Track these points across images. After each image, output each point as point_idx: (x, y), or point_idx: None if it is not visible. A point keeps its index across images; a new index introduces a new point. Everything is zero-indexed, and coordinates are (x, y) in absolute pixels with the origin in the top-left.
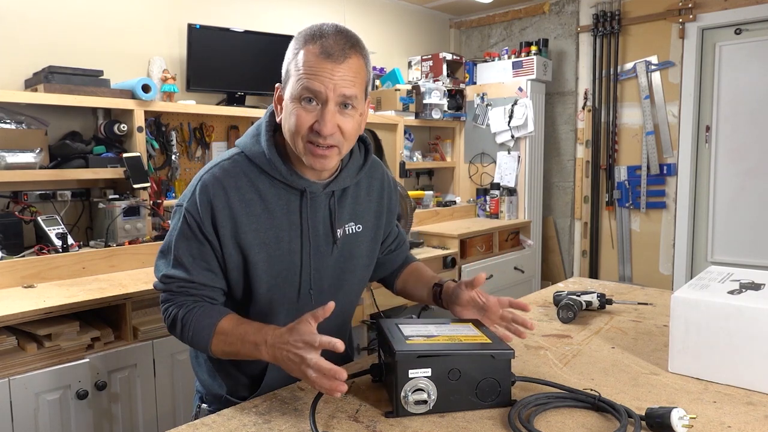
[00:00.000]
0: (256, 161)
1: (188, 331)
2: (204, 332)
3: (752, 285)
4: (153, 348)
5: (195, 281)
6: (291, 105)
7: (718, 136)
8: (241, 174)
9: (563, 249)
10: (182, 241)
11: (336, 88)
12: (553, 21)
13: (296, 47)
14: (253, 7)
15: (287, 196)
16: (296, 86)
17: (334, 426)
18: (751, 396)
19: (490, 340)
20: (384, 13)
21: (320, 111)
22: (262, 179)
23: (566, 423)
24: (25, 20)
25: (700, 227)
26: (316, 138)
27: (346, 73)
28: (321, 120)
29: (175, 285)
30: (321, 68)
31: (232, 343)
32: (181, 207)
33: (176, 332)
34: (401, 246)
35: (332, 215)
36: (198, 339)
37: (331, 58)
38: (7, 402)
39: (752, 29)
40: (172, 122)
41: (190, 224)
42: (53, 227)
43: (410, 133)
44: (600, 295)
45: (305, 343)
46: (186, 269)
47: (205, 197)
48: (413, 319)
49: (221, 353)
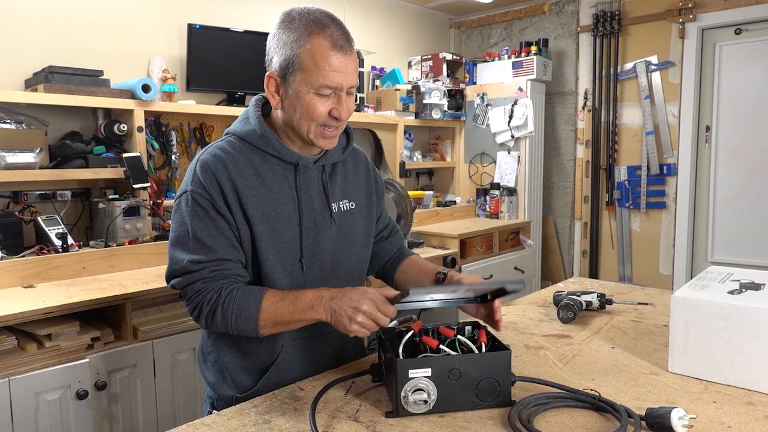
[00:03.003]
0: (249, 139)
1: (231, 316)
2: (250, 312)
3: (752, 285)
4: (153, 348)
5: (224, 258)
6: (307, 96)
7: (718, 136)
8: (235, 151)
9: (563, 249)
10: (198, 222)
11: (349, 79)
12: (553, 21)
13: (298, 38)
14: (253, 7)
15: (281, 170)
16: (318, 79)
17: (334, 426)
18: (751, 396)
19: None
20: (384, 13)
21: (336, 99)
22: (256, 156)
23: (566, 423)
24: (25, 20)
25: (700, 227)
26: (332, 122)
27: (354, 65)
28: (340, 107)
29: (207, 270)
30: (338, 63)
31: (282, 314)
32: (186, 192)
33: (216, 320)
34: (394, 234)
35: (326, 189)
36: (243, 320)
37: (343, 50)
38: (7, 402)
39: (752, 29)
40: (172, 122)
41: (201, 204)
42: (53, 227)
43: (410, 133)
44: (600, 295)
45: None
46: (211, 249)
47: (208, 174)
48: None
49: (270, 327)
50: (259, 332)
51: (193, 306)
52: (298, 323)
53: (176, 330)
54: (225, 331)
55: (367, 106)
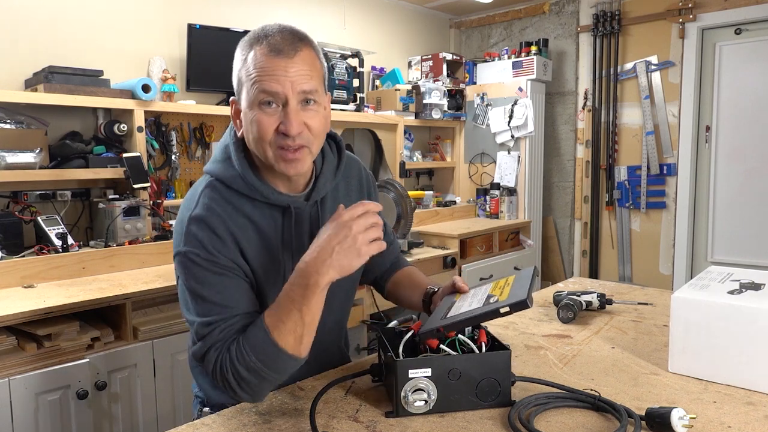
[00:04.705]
0: (234, 186)
1: (250, 358)
2: (260, 336)
3: (752, 285)
4: (153, 348)
5: (234, 314)
6: (250, 113)
7: (718, 136)
8: (224, 201)
9: (563, 249)
10: (198, 285)
11: (294, 85)
12: (553, 21)
13: (243, 52)
14: (253, 7)
15: (271, 213)
16: (252, 91)
17: (334, 426)
18: (751, 396)
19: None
20: (384, 13)
21: (282, 112)
22: (244, 202)
23: (566, 423)
24: (25, 20)
25: (700, 227)
26: (284, 141)
27: (301, 68)
28: (285, 120)
29: (216, 331)
30: (274, 67)
31: (288, 311)
32: (181, 254)
33: (244, 377)
34: (389, 245)
35: (317, 227)
36: (263, 351)
37: (282, 54)
38: (7, 402)
39: (752, 29)
40: (172, 122)
41: (200, 263)
42: (53, 227)
43: (410, 133)
44: (600, 295)
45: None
46: (219, 306)
47: (206, 232)
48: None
49: (290, 335)
50: (287, 352)
51: (221, 382)
52: (310, 308)
53: (176, 330)
54: (260, 383)
55: (367, 106)
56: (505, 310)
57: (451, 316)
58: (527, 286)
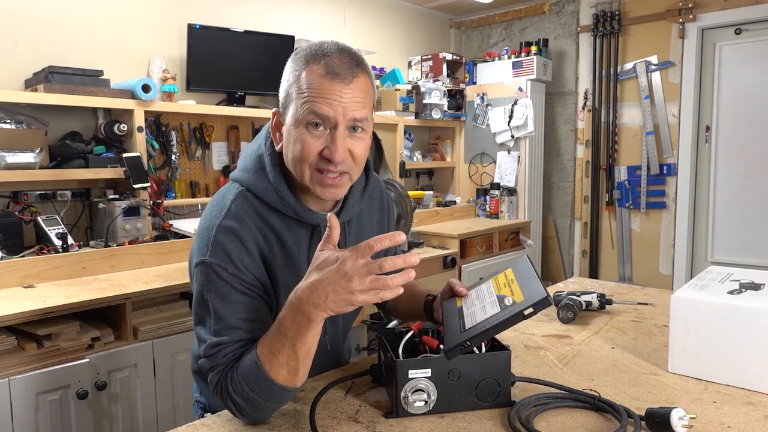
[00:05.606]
0: (266, 199)
1: (243, 388)
2: (251, 367)
3: (752, 285)
4: (153, 348)
5: (246, 338)
6: (295, 131)
7: (718, 136)
8: (253, 213)
9: (563, 249)
10: (219, 301)
11: (346, 111)
12: (553, 21)
13: (296, 68)
14: (253, 7)
15: (298, 230)
16: (301, 110)
17: (334, 426)
18: (751, 396)
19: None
20: (384, 13)
21: (329, 136)
22: (273, 216)
23: (566, 423)
24: (25, 20)
25: (700, 227)
26: (326, 165)
27: (356, 95)
28: (332, 145)
29: (221, 354)
30: (329, 90)
31: (276, 352)
32: (205, 264)
33: (241, 406)
34: None
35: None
36: (255, 381)
37: (339, 78)
38: (7, 402)
39: (752, 29)
40: (172, 122)
41: (225, 278)
42: (53, 227)
43: (410, 133)
44: (600, 295)
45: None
46: (234, 329)
47: (235, 244)
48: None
49: (283, 367)
50: (280, 384)
51: (221, 402)
52: (304, 343)
53: (176, 330)
54: (256, 410)
55: None
56: (529, 312)
57: (472, 327)
58: (537, 281)
